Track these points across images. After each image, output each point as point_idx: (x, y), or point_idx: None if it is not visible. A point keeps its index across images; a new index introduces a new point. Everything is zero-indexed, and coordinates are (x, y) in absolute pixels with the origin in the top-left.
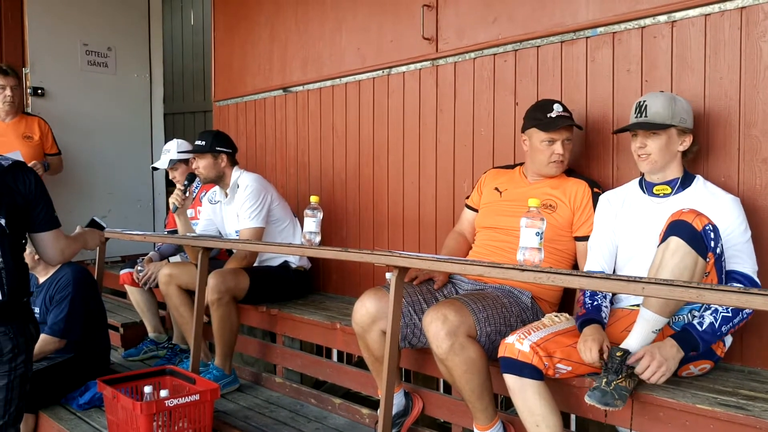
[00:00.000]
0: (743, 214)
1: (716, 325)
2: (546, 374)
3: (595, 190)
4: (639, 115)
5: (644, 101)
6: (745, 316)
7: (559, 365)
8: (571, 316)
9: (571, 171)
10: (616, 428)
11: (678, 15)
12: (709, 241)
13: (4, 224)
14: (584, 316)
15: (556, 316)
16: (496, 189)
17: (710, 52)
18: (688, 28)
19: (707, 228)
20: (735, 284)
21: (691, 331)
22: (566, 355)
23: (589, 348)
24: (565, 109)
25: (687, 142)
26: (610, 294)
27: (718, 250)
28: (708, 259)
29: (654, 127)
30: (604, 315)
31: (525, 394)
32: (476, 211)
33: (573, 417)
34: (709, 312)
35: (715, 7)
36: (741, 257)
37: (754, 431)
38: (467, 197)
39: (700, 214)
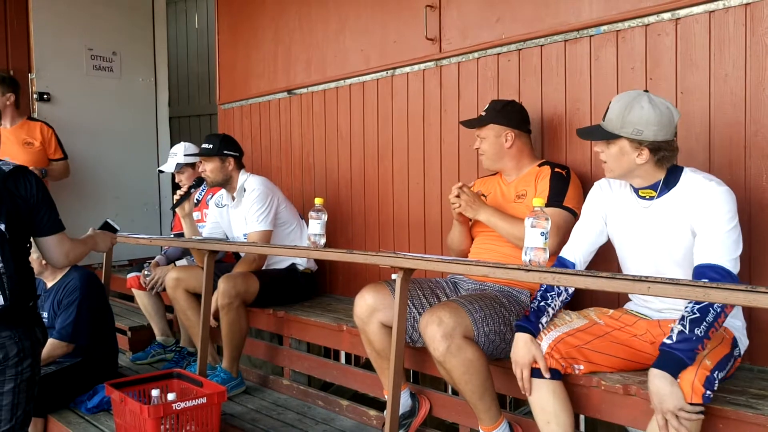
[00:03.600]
0: (732, 205)
1: (686, 332)
2: (565, 373)
3: (557, 170)
4: (603, 116)
5: (611, 101)
6: (718, 311)
7: (574, 364)
8: (580, 314)
9: (545, 162)
10: (626, 428)
11: (682, 12)
12: (708, 399)
13: (3, 229)
14: (523, 319)
15: (566, 314)
16: (483, 195)
17: (715, 49)
18: (692, 26)
19: (706, 395)
20: (713, 275)
21: (665, 349)
22: (577, 353)
23: (519, 374)
24: (489, 107)
25: (644, 155)
26: (571, 289)
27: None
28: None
29: (601, 137)
30: (545, 320)
31: (540, 392)
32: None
33: (582, 417)
34: (675, 323)
35: (719, 4)
36: (718, 248)
37: (764, 430)
38: None
39: (697, 378)
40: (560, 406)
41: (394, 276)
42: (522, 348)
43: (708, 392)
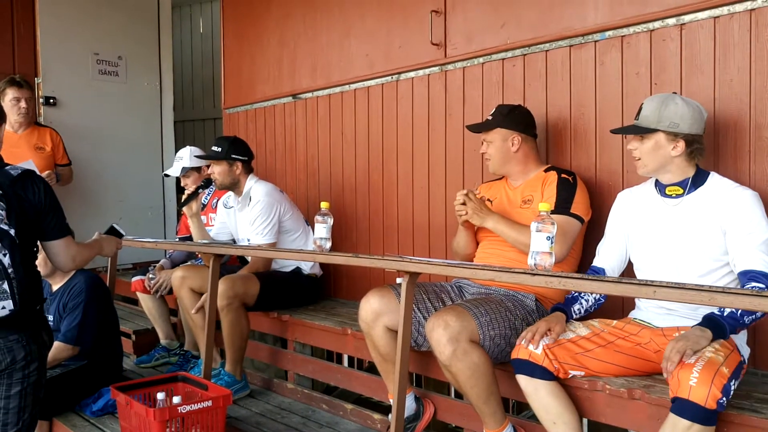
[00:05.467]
0: (763, 210)
1: (737, 314)
2: (557, 376)
3: (563, 176)
4: (636, 117)
5: (642, 103)
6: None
7: (571, 371)
8: (584, 324)
9: (551, 167)
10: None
11: (687, 18)
12: (722, 407)
13: (13, 234)
14: (558, 303)
15: (570, 324)
16: (488, 200)
17: (719, 55)
18: (697, 31)
19: (721, 401)
20: (755, 284)
21: (714, 317)
22: (577, 361)
23: (536, 327)
24: (496, 111)
25: (679, 147)
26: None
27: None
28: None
29: (637, 132)
30: (578, 308)
31: (539, 394)
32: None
33: (585, 421)
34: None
35: (724, 10)
36: (760, 256)
37: None
38: None
39: (714, 384)
40: (563, 405)
41: (399, 280)
42: (553, 315)
43: (723, 399)
